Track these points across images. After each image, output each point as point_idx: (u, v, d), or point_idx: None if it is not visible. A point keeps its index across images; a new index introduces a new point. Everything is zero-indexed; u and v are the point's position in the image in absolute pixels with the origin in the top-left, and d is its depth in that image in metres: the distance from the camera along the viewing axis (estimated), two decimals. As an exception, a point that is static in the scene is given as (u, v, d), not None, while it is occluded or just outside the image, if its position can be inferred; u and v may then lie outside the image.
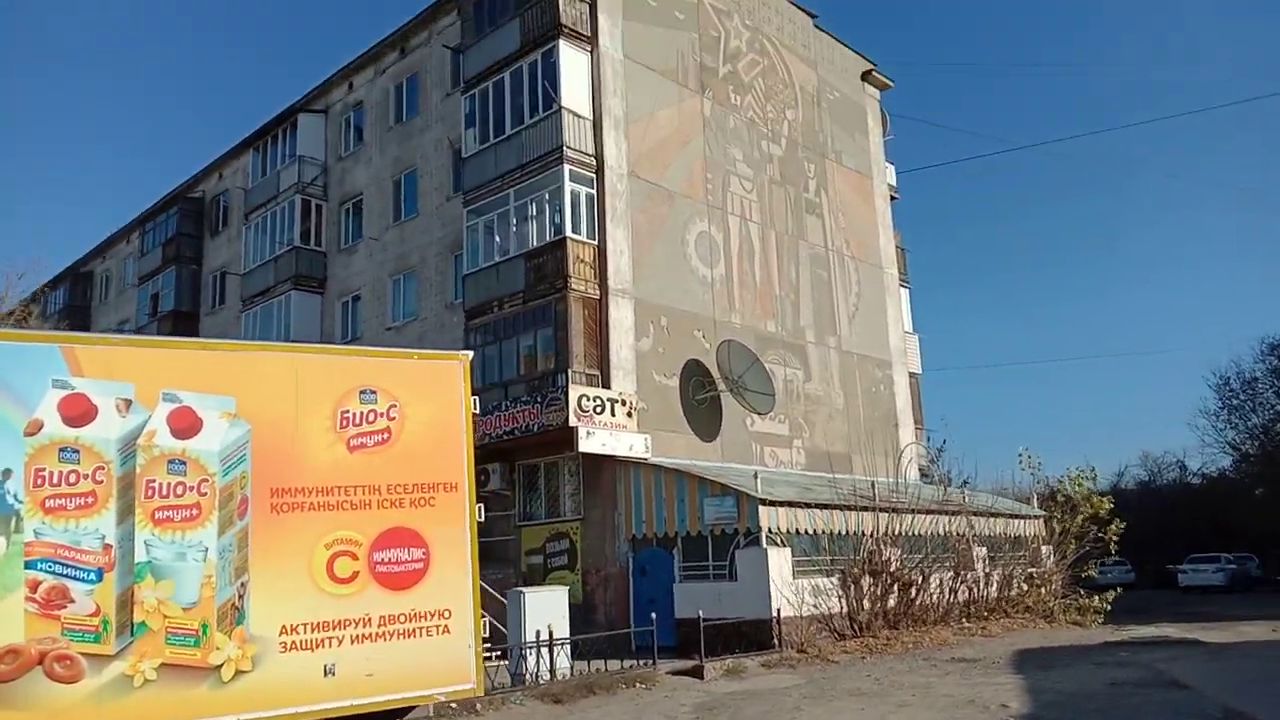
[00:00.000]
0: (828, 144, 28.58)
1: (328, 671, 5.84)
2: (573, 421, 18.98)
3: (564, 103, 20.97)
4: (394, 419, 6.36)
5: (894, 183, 31.85)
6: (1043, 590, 22.60)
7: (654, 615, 15.23)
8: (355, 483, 6.24)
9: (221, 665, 5.78)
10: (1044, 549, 23.66)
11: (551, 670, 12.92)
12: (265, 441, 6.18)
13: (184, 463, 5.95)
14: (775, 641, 16.46)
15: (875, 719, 10.90)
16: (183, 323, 34.01)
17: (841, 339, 27.11)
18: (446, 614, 6.21)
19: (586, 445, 19.04)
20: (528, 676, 12.95)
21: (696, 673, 14.69)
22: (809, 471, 23.76)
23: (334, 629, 5.95)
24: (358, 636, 5.98)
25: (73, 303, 41.87)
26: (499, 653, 17.01)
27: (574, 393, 19.20)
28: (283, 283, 28.43)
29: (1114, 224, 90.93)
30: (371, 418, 6.31)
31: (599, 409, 19.46)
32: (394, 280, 26.24)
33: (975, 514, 21.97)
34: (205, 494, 5.97)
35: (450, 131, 24.49)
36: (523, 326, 20.97)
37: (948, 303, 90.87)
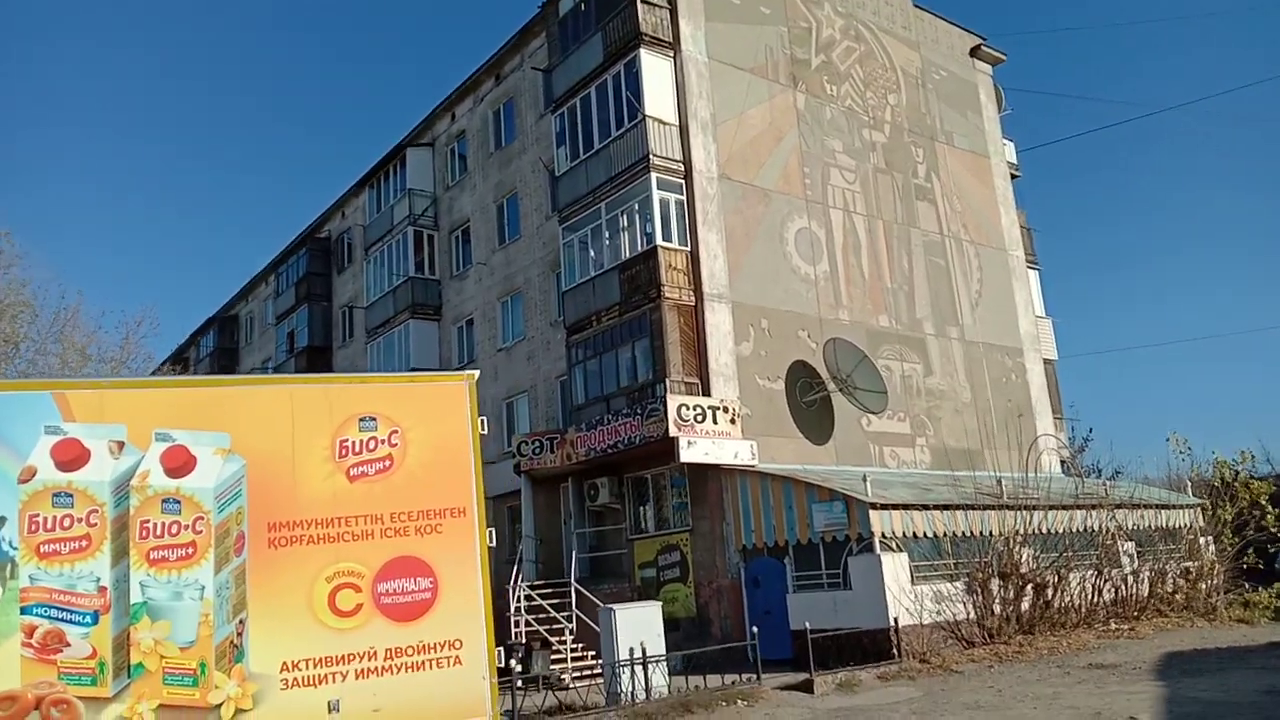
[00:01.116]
0: (937, 126, 27.30)
1: (332, 708, 5.73)
2: (673, 432, 18.66)
3: (648, 111, 20.76)
4: (395, 445, 6.22)
5: (1014, 160, 30.15)
6: (1201, 586, 20.73)
7: (755, 629, 14.72)
8: (356, 513, 6.13)
9: (221, 704, 5.77)
10: (1202, 541, 21.71)
11: (646, 689, 12.60)
12: (261, 475, 6.16)
13: (178, 501, 6.01)
14: (895, 652, 15.61)
15: (984, 736, 10.10)
16: (317, 357, 35.61)
17: (964, 329, 25.76)
18: (458, 644, 6.00)
19: (688, 455, 18.67)
20: (622, 696, 12.68)
21: (806, 687, 14.09)
22: (935, 471, 22.64)
23: (337, 664, 5.84)
24: (363, 671, 5.85)
25: (221, 345, 44.59)
26: (596, 671, 16.87)
27: (673, 402, 18.88)
28: (401, 312, 29.33)
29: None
30: (372, 445, 6.20)
31: (700, 417, 19.07)
32: (502, 302, 26.64)
33: (1119, 506, 20.34)
34: (201, 532, 5.99)
35: (544, 153, 24.68)
36: (621, 339, 20.83)
37: (1093, 285, 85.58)
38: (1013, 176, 29.52)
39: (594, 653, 18.49)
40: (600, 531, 22.13)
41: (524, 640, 18.53)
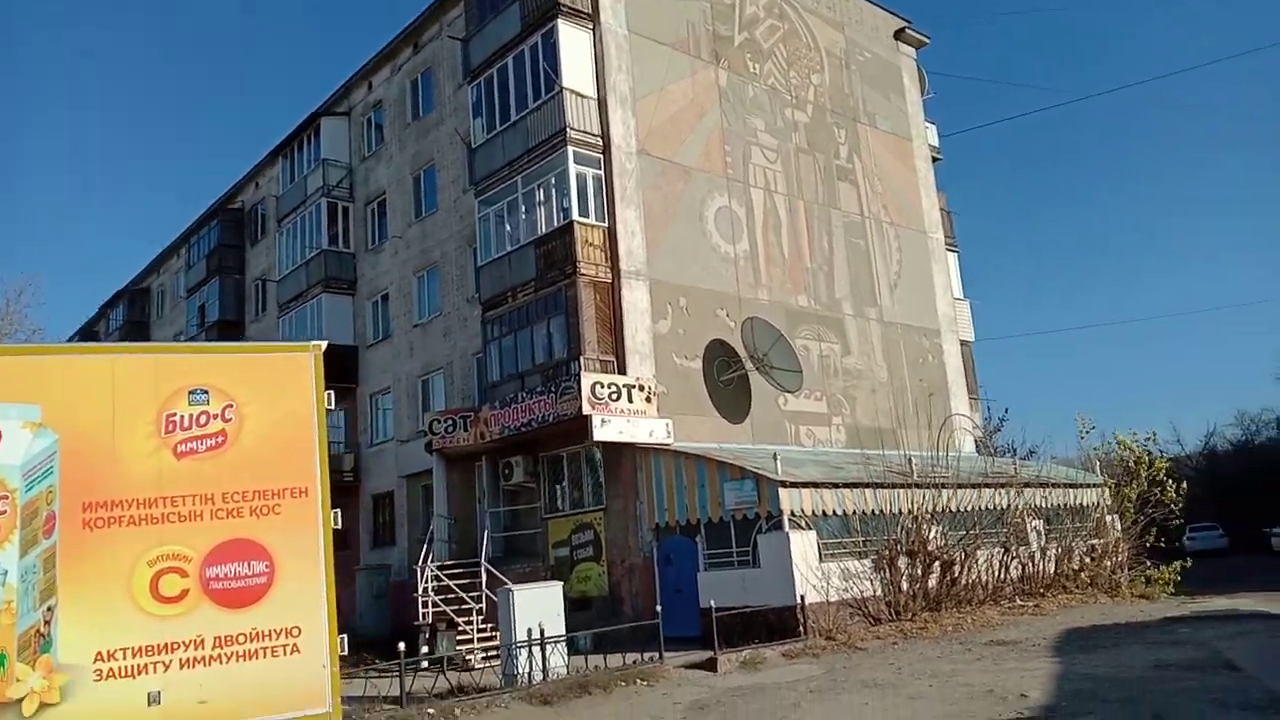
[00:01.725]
0: (859, 107, 27.31)
1: (152, 700, 5.31)
2: (586, 410, 18.36)
3: (565, 83, 20.30)
4: (229, 420, 5.76)
5: (936, 143, 30.36)
6: (1106, 563, 21.23)
7: (660, 607, 14.51)
8: (184, 492, 5.67)
9: (23, 699, 5.28)
10: (1109, 519, 22.21)
11: (544, 670, 12.33)
12: (76, 452, 5.65)
13: None
14: (801, 629, 15.59)
15: (876, 715, 10.05)
16: (229, 331, 34.41)
17: (883, 309, 25.89)
18: (295, 632, 5.60)
19: (602, 434, 18.40)
20: (519, 677, 12.40)
21: (710, 666, 13.97)
22: (850, 450, 22.72)
23: (159, 653, 5.40)
24: (188, 660, 5.42)
25: (131, 318, 42.94)
26: (493, 653, 16.55)
27: (587, 380, 18.56)
28: (314, 286, 28.47)
29: (1181, 173, 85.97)
30: (203, 420, 5.73)
31: (615, 396, 18.79)
32: (418, 277, 25.99)
33: (1027, 485, 20.65)
34: (4, 511, 5.47)
35: (461, 124, 24.05)
36: (536, 315, 20.42)
37: (1010, 266, 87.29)
38: (934, 159, 29.73)
39: (500, 631, 18.18)
40: (515, 511, 21.77)
41: (430, 621, 18.14)
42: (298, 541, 5.69)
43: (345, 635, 5.74)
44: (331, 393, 6.20)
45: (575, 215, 19.77)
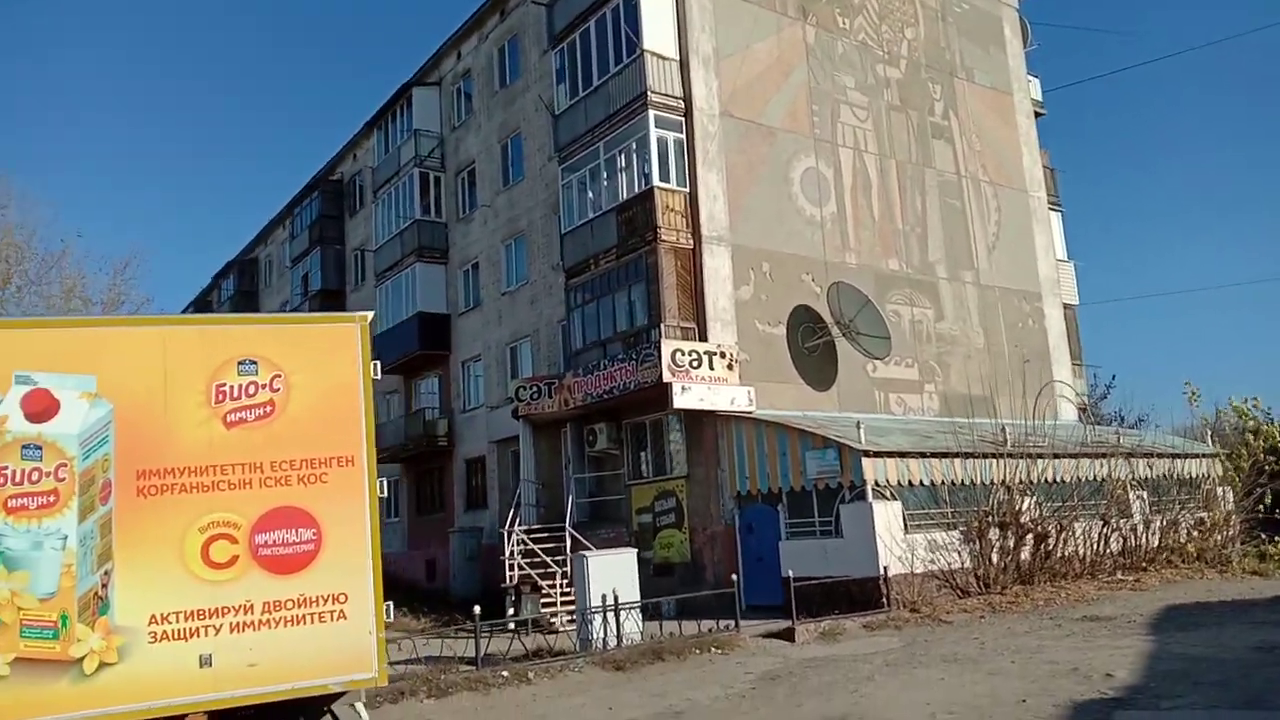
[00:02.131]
0: (956, 61, 26.22)
1: (203, 662, 5.49)
2: (666, 377, 18.28)
3: (646, 45, 20.05)
4: (278, 390, 5.86)
5: (1039, 98, 28.96)
6: (1217, 536, 20.16)
7: (735, 575, 14.44)
8: (233, 461, 5.81)
9: (84, 658, 5.52)
10: (1219, 490, 21.06)
11: (619, 635, 12.42)
12: (130, 421, 5.83)
13: (39, 447, 5.72)
14: (884, 601, 15.31)
15: (952, 690, 9.77)
16: (330, 300, 35.51)
17: (980, 272, 24.97)
18: (342, 598, 5.70)
19: (681, 401, 18.31)
20: (593, 642, 12.52)
21: (788, 635, 13.87)
22: (944, 418, 22.09)
23: (210, 617, 5.57)
24: (238, 625, 5.59)
25: (241, 288, 44.69)
26: (569, 618, 16.76)
27: (667, 348, 18.47)
28: (408, 256, 29.04)
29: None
30: (251, 390, 5.84)
31: (695, 363, 18.66)
32: (505, 245, 26.23)
33: (1129, 454, 19.74)
34: (64, 479, 5.71)
35: (546, 91, 24.03)
36: (618, 283, 20.39)
37: (1121, 227, 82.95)
38: (1037, 115, 28.37)
39: (587, 598, 18.41)
40: (600, 477, 21.94)
41: (515, 584, 18.50)
42: (344, 509, 5.78)
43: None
44: (378, 363, 6.25)
45: (656, 180, 19.59)
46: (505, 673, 11.35)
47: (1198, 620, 13.40)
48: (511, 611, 18.22)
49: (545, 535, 20.19)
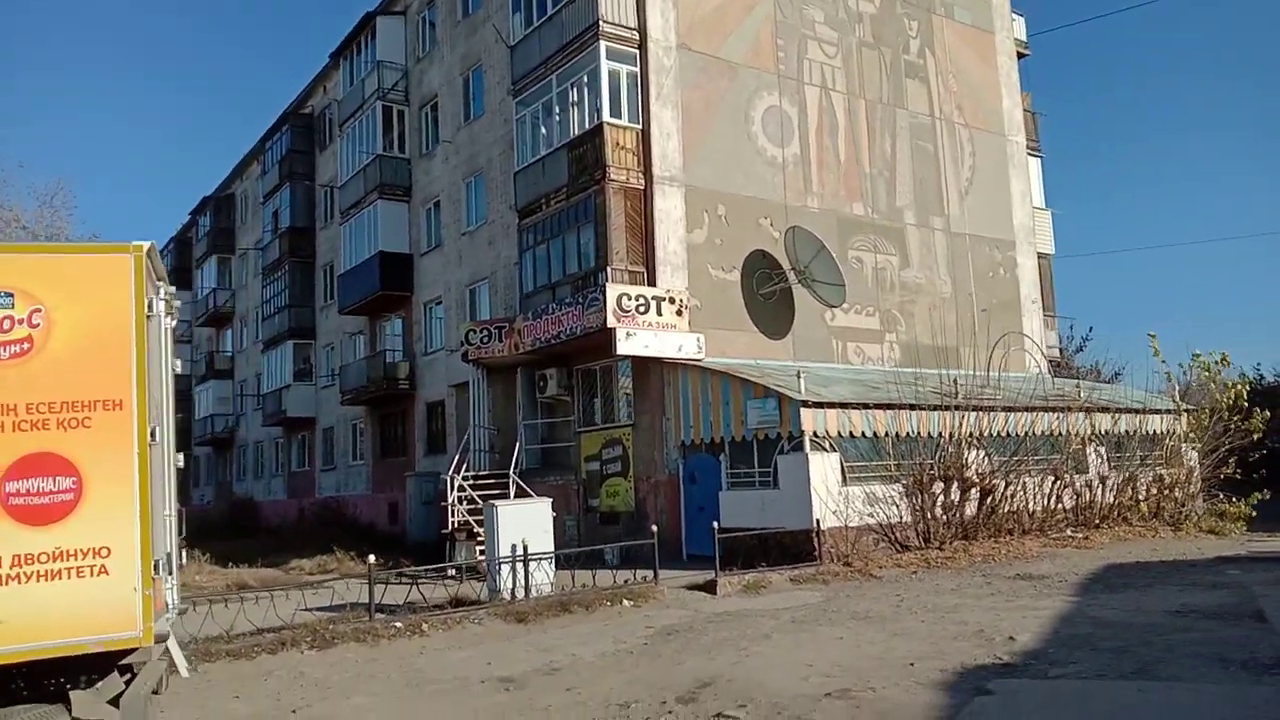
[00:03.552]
0: (936, -3, 25.17)
1: (-59, 620, 5.08)
2: (611, 322, 17.75)
3: (599, -28, 19.13)
4: (37, 325, 5.31)
5: (1023, 37, 27.90)
6: (1176, 494, 19.75)
7: (655, 527, 14.09)
8: (-18, 402, 5.32)
9: None
10: (1182, 448, 20.60)
11: (526, 587, 12.07)
12: None
13: None
14: (817, 554, 14.95)
15: (845, 651, 9.39)
16: (299, 238, 34.95)
17: (950, 219, 24.24)
18: (104, 552, 5.24)
19: (626, 347, 17.81)
20: (501, 593, 12.18)
21: (709, 588, 13.53)
22: (907, 369, 21.56)
23: (-50, 572, 5.15)
24: (-16, 580, 5.15)
25: (218, 225, 44.02)
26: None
27: (612, 292, 17.91)
28: (371, 193, 28.33)
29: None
30: (7, 325, 5.30)
31: (642, 308, 18.12)
32: (466, 183, 25.51)
33: (1085, 409, 19.24)
34: None
35: (504, 21, 23.11)
36: (568, 223, 19.75)
37: (1110, 173, 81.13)
38: (1020, 55, 27.36)
39: (526, 545, 18.12)
40: (551, 424, 21.54)
41: (452, 530, 18.20)
42: (110, 456, 5.28)
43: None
44: (158, 300, 5.72)
45: (606, 116, 18.84)
46: (399, 624, 11.01)
47: (1130, 580, 13.03)
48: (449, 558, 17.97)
49: (493, 482, 19.84)
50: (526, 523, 12.61)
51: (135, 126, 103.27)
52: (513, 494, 19.08)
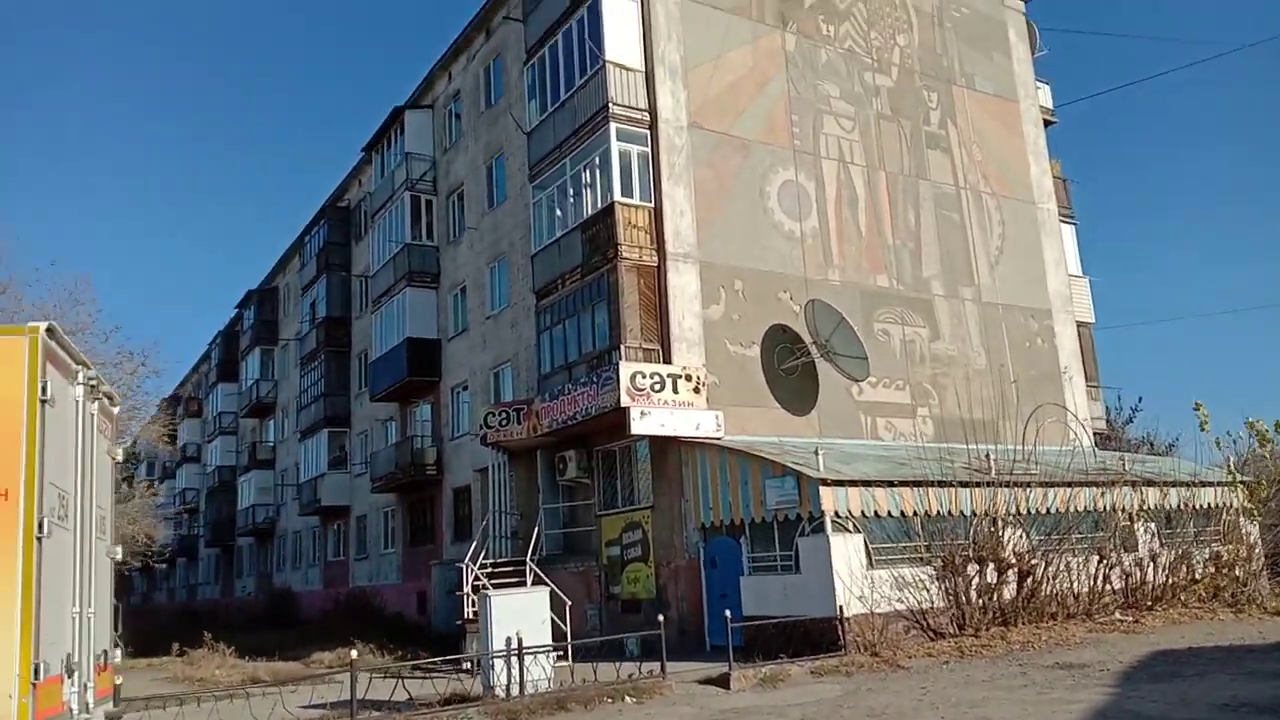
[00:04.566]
0: (955, 68, 25.00)
1: None
2: (624, 401, 17.32)
3: (608, 56, 19.30)
4: (-77, 409, 5.07)
5: (1049, 105, 27.55)
6: (1237, 572, 18.43)
7: (662, 617, 13.37)
8: None
9: None
10: (1241, 522, 19.34)
11: (521, 684, 11.41)
12: None
13: None
14: (841, 644, 14.06)
15: (850, 754, 8.61)
16: (336, 328, 35.33)
17: (981, 288, 23.59)
18: (-19, 654, 4.86)
19: (640, 426, 17.32)
20: (496, 688, 11.54)
21: (723, 682, 12.71)
22: (940, 444, 20.71)
23: None
24: None
25: (262, 317, 44.84)
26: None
27: (626, 370, 17.53)
28: (399, 281, 28.57)
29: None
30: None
31: (658, 386, 17.68)
32: (490, 268, 25.57)
33: (1132, 483, 18.19)
34: None
35: (521, 109, 23.41)
36: (583, 303, 19.54)
37: (1147, 242, 79.34)
38: (1047, 123, 26.96)
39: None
40: (572, 507, 21.00)
41: (463, 621, 17.61)
42: (-8, 551, 4.94)
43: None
44: (74, 385, 5.44)
45: (617, 195, 18.75)
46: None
47: (1179, 669, 11.96)
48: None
49: (510, 569, 19.27)
50: (522, 613, 12.01)
51: (194, 234, 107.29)
52: (529, 581, 18.46)
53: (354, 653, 10.73)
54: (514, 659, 11.43)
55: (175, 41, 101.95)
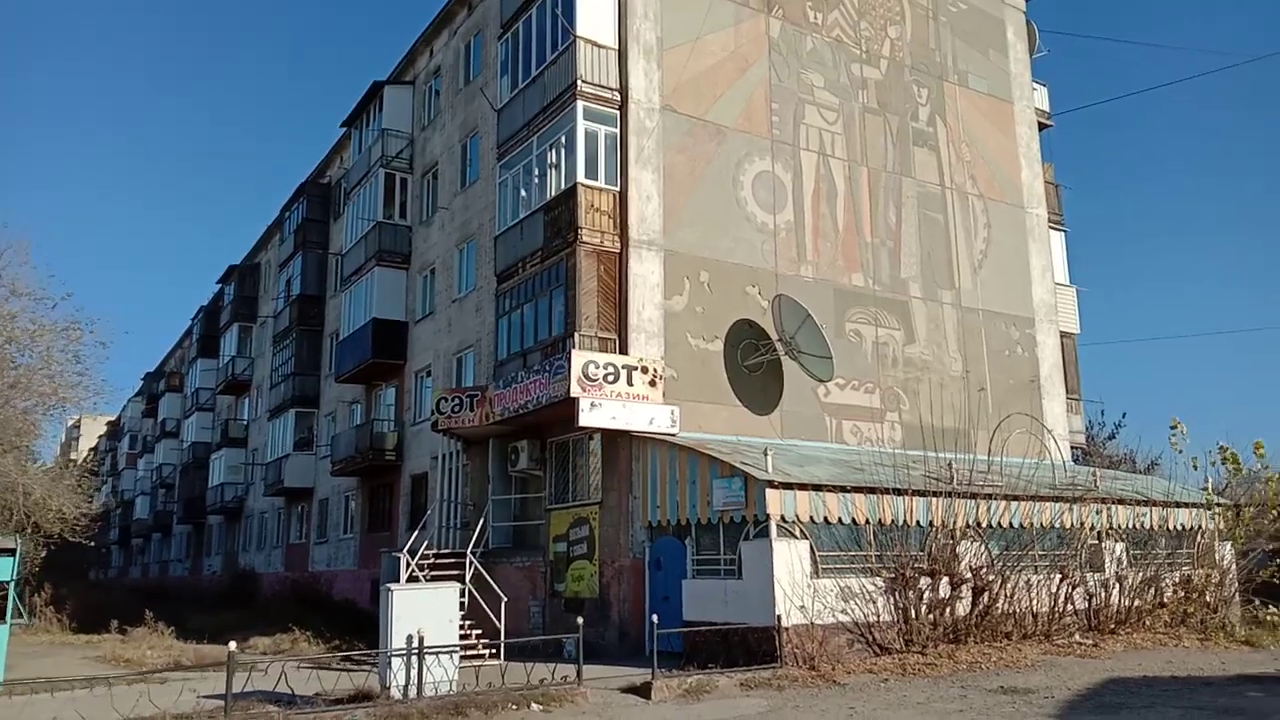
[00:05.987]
0: (948, 64, 24.18)
1: None
2: (575, 391, 16.56)
3: (580, 32, 18.51)
4: None
5: (1045, 107, 26.72)
6: (1207, 598, 17.69)
7: (580, 619, 12.60)
8: None
9: None
10: (1218, 546, 18.58)
11: (420, 684, 10.66)
12: None
13: None
14: (778, 655, 13.30)
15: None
16: (309, 306, 34.60)
17: (961, 292, 22.79)
18: None
19: (589, 419, 16.56)
20: (393, 690, 10.79)
21: (644, 691, 11.96)
22: (910, 450, 19.93)
23: None
24: None
25: (243, 294, 44.09)
26: (478, 651, 15.16)
27: (578, 359, 16.76)
28: (369, 260, 27.81)
29: None
30: None
31: (611, 377, 16.92)
32: (459, 250, 24.79)
33: (1101, 500, 17.42)
34: None
35: (494, 86, 22.62)
36: (541, 288, 18.77)
37: (1149, 258, 78.33)
38: (1042, 126, 26.14)
39: (479, 631, 16.71)
40: (523, 499, 20.25)
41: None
42: None
43: None
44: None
45: (580, 177, 17.97)
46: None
47: (1128, 700, 11.21)
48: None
49: (452, 561, 18.51)
50: (427, 610, 11.24)
51: (190, 216, 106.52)
52: (468, 575, 17.75)
53: (232, 644, 9.96)
54: (413, 659, 10.67)
55: (200, 27, 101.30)
